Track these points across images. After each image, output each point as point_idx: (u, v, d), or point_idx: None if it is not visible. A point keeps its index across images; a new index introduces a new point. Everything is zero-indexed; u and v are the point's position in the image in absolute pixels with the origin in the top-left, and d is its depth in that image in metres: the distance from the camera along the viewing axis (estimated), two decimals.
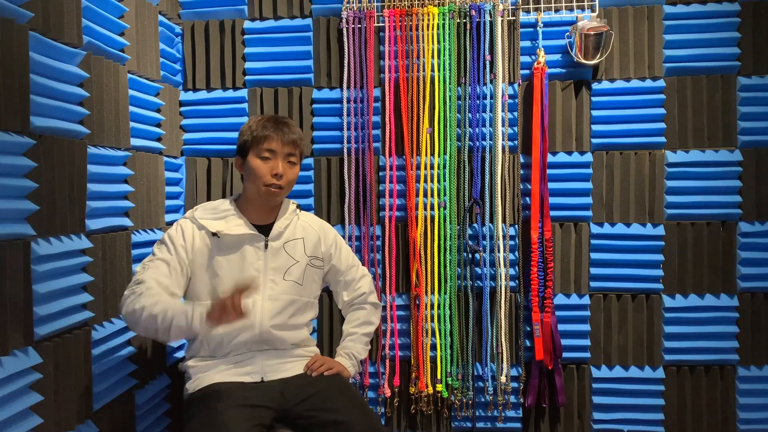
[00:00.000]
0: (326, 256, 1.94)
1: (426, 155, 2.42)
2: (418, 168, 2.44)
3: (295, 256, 1.85)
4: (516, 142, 2.43)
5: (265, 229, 1.83)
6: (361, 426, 1.67)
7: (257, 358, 1.80)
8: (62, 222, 1.67)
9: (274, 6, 2.52)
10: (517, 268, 2.44)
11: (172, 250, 1.75)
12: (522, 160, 2.44)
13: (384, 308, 2.45)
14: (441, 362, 2.43)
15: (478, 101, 2.41)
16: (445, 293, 2.43)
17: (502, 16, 2.39)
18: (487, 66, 2.39)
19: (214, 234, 1.77)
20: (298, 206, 1.94)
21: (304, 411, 1.72)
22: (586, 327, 2.43)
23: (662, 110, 2.39)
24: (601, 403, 2.44)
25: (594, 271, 2.42)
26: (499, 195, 2.40)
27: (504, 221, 2.41)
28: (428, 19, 2.40)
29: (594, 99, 2.42)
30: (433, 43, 2.41)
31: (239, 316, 1.53)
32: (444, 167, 2.42)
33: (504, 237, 2.41)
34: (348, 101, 2.47)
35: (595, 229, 2.42)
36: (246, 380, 1.76)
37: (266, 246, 1.81)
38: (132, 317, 1.64)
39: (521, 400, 2.45)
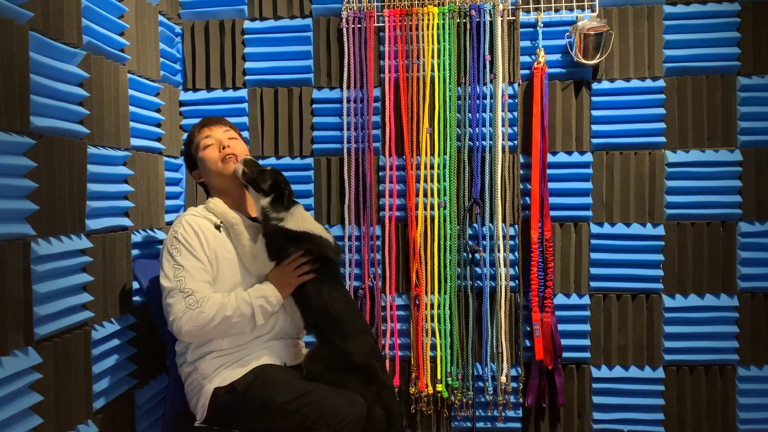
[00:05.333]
0: None
1: (426, 155, 2.42)
2: (418, 168, 2.44)
3: None
4: (516, 142, 2.43)
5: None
6: None
7: (276, 347, 1.84)
8: (62, 222, 1.67)
9: (274, 6, 2.52)
10: (517, 268, 2.44)
11: (195, 252, 1.74)
12: (522, 160, 2.44)
13: (384, 308, 2.45)
14: (441, 362, 2.43)
15: (478, 101, 2.41)
16: (445, 293, 2.43)
17: (502, 16, 2.39)
18: (487, 66, 2.39)
19: (217, 227, 1.82)
20: None
21: None
22: (586, 327, 2.43)
23: (662, 110, 2.39)
24: (601, 403, 2.44)
25: (594, 271, 2.42)
26: (499, 195, 2.40)
27: (504, 221, 2.41)
28: (428, 19, 2.40)
29: (594, 99, 2.42)
30: (433, 43, 2.41)
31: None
32: (444, 167, 2.42)
33: (504, 237, 2.41)
34: (348, 101, 2.47)
35: (595, 229, 2.42)
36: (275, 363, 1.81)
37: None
38: (204, 327, 1.69)
39: (521, 400, 2.45)
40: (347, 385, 1.69)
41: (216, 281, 1.78)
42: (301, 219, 1.84)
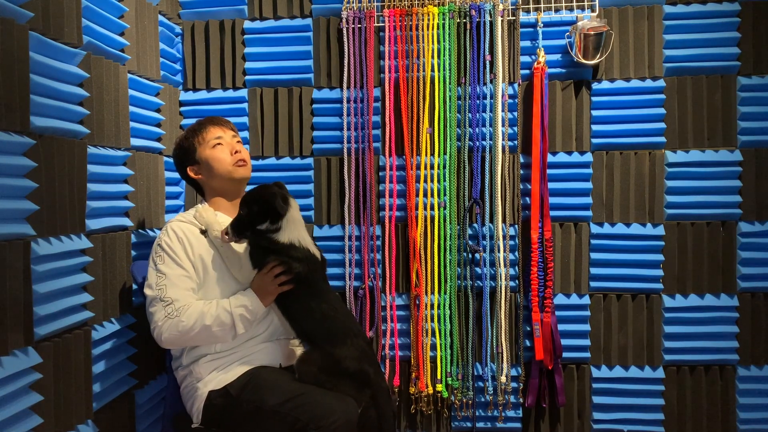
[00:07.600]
0: None
1: (426, 155, 2.42)
2: (418, 168, 2.44)
3: None
4: (516, 142, 2.43)
5: None
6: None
7: (270, 348, 1.83)
8: (62, 222, 1.67)
9: (274, 6, 2.52)
10: (517, 268, 2.44)
11: (178, 260, 1.75)
12: (522, 160, 2.44)
13: (384, 308, 2.45)
14: (441, 362, 2.43)
15: (478, 101, 2.41)
16: (445, 293, 2.43)
17: (502, 16, 2.39)
18: (487, 66, 2.39)
19: (202, 232, 1.81)
20: None
21: None
22: (586, 327, 2.43)
23: (662, 110, 2.39)
24: (601, 403, 2.44)
25: (594, 271, 2.42)
26: (499, 195, 2.40)
27: (504, 221, 2.41)
28: (428, 19, 2.40)
29: (594, 99, 2.42)
30: (433, 43, 2.41)
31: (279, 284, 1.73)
32: (444, 167, 2.42)
33: (504, 237, 2.41)
34: (348, 101, 2.47)
35: (595, 229, 2.42)
36: (269, 365, 1.81)
37: None
38: (184, 336, 1.68)
39: (521, 400, 2.45)
40: (340, 387, 1.67)
41: (203, 286, 1.78)
42: (293, 226, 1.77)
